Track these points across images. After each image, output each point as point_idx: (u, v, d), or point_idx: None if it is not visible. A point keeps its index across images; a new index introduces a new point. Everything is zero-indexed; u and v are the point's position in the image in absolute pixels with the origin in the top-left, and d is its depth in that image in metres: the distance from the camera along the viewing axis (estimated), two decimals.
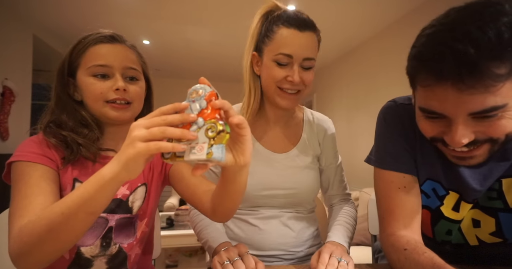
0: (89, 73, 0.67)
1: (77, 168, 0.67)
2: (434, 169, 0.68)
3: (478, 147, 0.55)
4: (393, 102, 0.75)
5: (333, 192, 0.95)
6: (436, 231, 0.71)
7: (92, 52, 0.67)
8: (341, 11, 2.73)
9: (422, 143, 0.68)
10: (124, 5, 2.73)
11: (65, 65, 0.68)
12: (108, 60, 0.67)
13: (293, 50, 0.77)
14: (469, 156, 0.57)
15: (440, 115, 0.55)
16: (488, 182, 0.63)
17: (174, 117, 0.45)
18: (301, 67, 0.78)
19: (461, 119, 0.52)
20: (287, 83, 0.79)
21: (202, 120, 0.46)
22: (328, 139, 0.93)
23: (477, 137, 0.54)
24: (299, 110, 0.95)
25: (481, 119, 0.52)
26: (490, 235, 0.65)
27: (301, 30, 0.77)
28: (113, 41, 0.69)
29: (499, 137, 0.53)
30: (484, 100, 0.49)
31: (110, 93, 0.67)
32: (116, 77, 0.67)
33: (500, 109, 0.50)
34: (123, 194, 0.71)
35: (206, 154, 0.43)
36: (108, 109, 0.68)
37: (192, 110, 0.47)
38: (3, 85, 2.72)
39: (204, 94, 0.49)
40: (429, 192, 0.70)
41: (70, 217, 0.48)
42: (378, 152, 0.74)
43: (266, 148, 0.88)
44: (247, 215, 0.86)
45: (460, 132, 0.53)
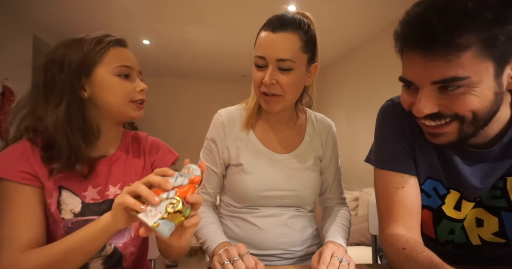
0: (114, 72, 0.69)
1: (62, 174, 0.65)
2: (434, 167, 0.68)
3: (446, 124, 0.57)
4: (391, 101, 0.75)
5: (330, 195, 0.95)
6: (438, 231, 0.70)
7: (116, 53, 0.70)
8: (341, 11, 2.73)
9: (421, 142, 0.68)
10: (124, 5, 2.73)
11: (84, 63, 0.67)
12: (131, 62, 0.72)
13: (265, 51, 0.76)
14: (439, 133, 0.58)
15: (411, 84, 0.58)
16: (490, 180, 0.62)
17: (154, 178, 0.52)
18: (278, 69, 0.77)
19: (426, 88, 0.55)
20: (263, 85, 0.78)
21: (174, 193, 0.51)
22: (330, 142, 0.93)
23: (441, 110, 0.55)
24: (301, 112, 0.95)
25: (444, 91, 0.54)
26: (493, 235, 0.65)
27: (274, 31, 0.76)
28: (126, 45, 0.74)
29: (465, 114, 0.54)
30: (446, 69, 0.51)
31: (135, 93, 0.71)
32: (137, 79, 0.73)
33: (461, 81, 0.51)
34: (116, 194, 0.71)
35: (153, 223, 0.48)
36: (131, 108, 0.71)
37: (176, 181, 0.53)
38: (3, 85, 2.72)
39: (192, 175, 0.54)
40: (429, 192, 0.69)
41: (69, 255, 0.56)
42: (377, 152, 0.74)
43: (268, 149, 0.88)
44: (247, 214, 0.86)
45: (423, 101, 0.55)
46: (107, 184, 0.71)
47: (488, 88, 0.53)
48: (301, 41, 0.77)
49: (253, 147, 0.87)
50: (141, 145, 0.81)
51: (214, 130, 0.89)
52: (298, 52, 0.77)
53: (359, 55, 3.54)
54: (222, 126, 0.87)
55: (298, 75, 0.78)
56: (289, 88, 0.78)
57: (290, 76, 0.77)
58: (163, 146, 0.84)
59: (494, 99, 0.54)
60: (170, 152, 0.84)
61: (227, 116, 0.89)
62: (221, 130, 0.87)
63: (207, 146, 0.90)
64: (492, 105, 0.54)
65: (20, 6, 2.75)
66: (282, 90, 0.78)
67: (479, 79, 0.52)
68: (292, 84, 0.78)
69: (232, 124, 0.88)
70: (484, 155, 0.62)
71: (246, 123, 0.87)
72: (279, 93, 0.78)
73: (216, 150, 0.88)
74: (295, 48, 0.76)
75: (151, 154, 0.80)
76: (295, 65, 0.76)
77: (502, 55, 0.52)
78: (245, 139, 0.87)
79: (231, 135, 0.87)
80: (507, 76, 0.54)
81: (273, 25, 0.76)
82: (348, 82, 3.79)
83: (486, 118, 0.56)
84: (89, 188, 0.69)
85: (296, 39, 0.76)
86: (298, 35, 0.76)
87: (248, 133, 0.88)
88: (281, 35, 0.75)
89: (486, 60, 0.51)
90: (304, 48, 0.78)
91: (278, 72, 0.77)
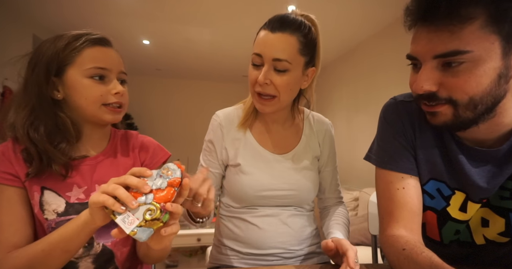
0: (87, 74, 0.66)
1: (45, 175, 0.65)
2: (438, 167, 0.67)
3: (440, 104, 0.56)
4: (393, 99, 0.75)
5: (329, 195, 0.95)
6: (443, 233, 0.69)
7: (90, 54, 0.66)
8: (340, 11, 2.73)
9: (423, 141, 0.68)
10: (124, 5, 2.72)
11: (53, 63, 0.65)
12: (107, 63, 0.68)
13: (262, 49, 0.76)
14: (434, 111, 0.58)
15: (415, 60, 0.57)
16: (497, 181, 0.61)
17: (132, 180, 0.49)
18: (274, 69, 0.76)
19: (428, 63, 0.54)
20: (257, 84, 0.78)
21: (151, 198, 0.49)
22: (327, 141, 0.93)
23: (439, 91, 0.55)
24: (299, 112, 0.94)
25: (447, 68, 0.53)
26: (498, 235, 0.64)
27: (273, 31, 0.75)
28: (107, 44, 0.70)
29: (459, 98, 0.53)
30: (448, 42, 0.50)
31: (109, 96, 0.68)
32: (114, 81, 0.69)
33: (463, 55, 0.50)
34: None
35: (131, 231, 0.47)
36: (104, 112, 0.68)
37: (154, 182, 0.50)
38: (3, 85, 2.72)
39: (172, 177, 0.51)
40: (433, 193, 0.68)
41: (49, 254, 0.55)
42: (377, 151, 0.74)
43: (265, 149, 0.88)
44: (246, 214, 0.86)
45: (423, 76, 0.55)
46: (93, 184, 0.70)
47: (493, 68, 0.50)
48: (300, 43, 0.76)
49: (250, 147, 0.87)
50: (130, 144, 0.79)
51: (212, 131, 0.89)
52: (295, 54, 0.76)
53: (359, 55, 3.54)
54: (219, 127, 0.88)
55: (293, 77, 0.78)
56: (283, 89, 0.77)
57: (284, 78, 0.76)
58: (154, 144, 0.82)
59: (497, 82, 0.51)
60: (162, 151, 0.82)
61: (224, 117, 0.89)
62: (218, 131, 0.88)
63: (206, 148, 0.90)
64: (493, 88, 0.52)
65: (20, 6, 2.74)
66: (276, 91, 0.77)
67: (484, 55, 0.49)
68: (286, 85, 0.77)
69: (229, 125, 0.88)
70: (492, 155, 0.61)
71: (243, 123, 0.88)
72: (272, 93, 0.78)
73: (215, 151, 0.88)
74: (292, 49, 0.76)
75: (141, 153, 0.79)
76: (291, 66, 0.76)
77: (510, 33, 0.49)
78: (243, 139, 0.88)
79: (228, 136, 0.87)
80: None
81: (273, 25, 0.76)
82: (348, 82, 3.79)
83: (487, 103, 0.53)
84: (74, 188, 0.68)
85: (294, 41, 0.76)
86: (296, 37, 0.76)
87: (245, 134, 0.88)
88: (280, 35, 0.75)
89: (492, 35, 0.49)
90: (302, 50, 0.77)
91: (273, 72, 0.76)
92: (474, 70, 0.51)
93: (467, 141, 0.64)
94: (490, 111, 0.55)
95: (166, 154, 0.82)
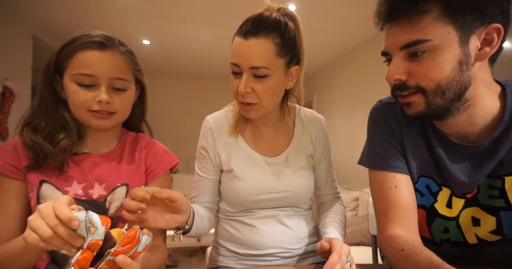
0: (74, 80, 0.66)
1: (46, 169, 0.67)
2: (425, 164, 0.68)
3: (412, 94, 0.60)
4: (379, 102, 0.77)
5: (325, 191, 0.94)
6: (432, 230, 0.70)
7: (79, 58, 0.65)
8: (340, 11, 2.72)
9: (410, 140, 0.69)
10: (124, 5, 2.73)
11: (51, 65, 0.67)
12: (95, 69, 0.65)
13: (238, 59, 0.73)
14: (408, 102, 0.62)
15: (386, 54, 0.64)
16: (478, 176, 0.63)
17: (61, 232, 0.43)
18: (253, 76, 0.74)
19: (397, 55, 0.60)
20: (239, 94, 0.75)
21: (77, 257, 0.43)
22: (320, 137, 0.92)
23: (408, 80, 0.60)
24: (290, 110, 0.92)
25: (414, 58, 0.58)
26: (490, 233, 0.65)
27: (246, 38, 0.72)
28: (103, 47, 0.67)
29: (426, 85, 0.58)
30: (410, 33, 0.57)
31: (93, 103, 0.66)
32: (101, 88, 0.66)
33: (423, 44, 0.56)
34: (100, 195, 0.71)
35: None
36: (90, 118, 0.68)
37: (82, 230, 0.44)
38: (3, 85, 2.72)
39: (93, 237, 0.43)
40: (422, 190, 0.70)
41: (5, 265, 0.55)
42: (368, 153, 0.75)
43: (257, 152, 0.87)
44: (243, 217, 0.86)
45: (393, 67, 0.60)
46: (93, 182, 0.70)
47: (453, 55, 0.56)
48: (275, 45, 0.72)
49: (242, 151, 0.86)
50: (138, 147, 0.79)
51: (203, 137, 0.88)
52: (273, 58, 0.73)
53: (359, 55, 3.54)
54: (210, 133, 0.87)
55: (274, 81, 0.75)
56: (265, 95, 0.75)
57: (265, 84, 0.74)
58: (162, 150, 0.82)
59: (458, 68, 0.56)
60: (169, 157, 0.81)
61: (214, 122, 0.88)
62: (210, 137, 0.87)
63: (199, 155, 0.89)
64: (456, 75, 0.56)
65: (20, 6, 2.74)
66: (258, 98, 0.75)
67: (443, 43, 0.55)
68: (268, 91, 0.75)
69: (220, 130, 0.87)
70: (473, 150, 0.63)
71: (234, 129, 0.87)
72: (255, 101, 0.75)
73: (209, 158, 0.87)
74: (269, 54, 0.72)
75: (148, 158, 0.78)
76: (270, 71, 0.73)
77: (464, 23, 0.55)
78: (234, 144, 0.87)
79: (220, 141, 0.86)
80: (475, 48, 0.56)
81: (245, 29, 0.73)
82: (348, 82, 3.79)
83: (454, 89, 0.57)
84: (74, 183, 0.69)
85: (269, 45, 0.72)
86: (271, 39, 0.72)
87: (237, 138, 0.87)
88: (253, 41, 0.71)
89: (447, 25, 0.55)
90: (280, 52, 0.73)
91: (253, 79, 0.74)
92: (436, 58, 0.56)
93: (451, 136, 0.66)
94: (460, 98, 0.59)
95: (174, 160, 0.81)
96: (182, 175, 4.37)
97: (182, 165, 5.22)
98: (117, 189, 0.72)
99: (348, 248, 0.66)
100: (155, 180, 0.78)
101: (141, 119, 0.84)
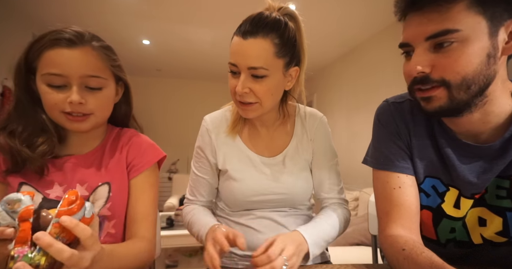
0: (44, 80, 0.62)
1: (26, 172, 0.64)
2: (432, 164, 0.67)
3: (435, 88, 0.57)
4: (385, 101, 0.75)
5: (326, 195, 0.87)
6: (439, 231, 0.70)
7: (47, 57, 0.61)
8: (341, 11, 2.72)
9: (418, 140, 0.68)
10: (124, 5, 2.73)
11: (21, 64, 0.63)
12: (64, 68, 0.61)
13: (236, 59, 0.73)
14: (428, 96, 0.59)
15: (408, 46, 0.59)
16: (487, 176, 0.62)
17: None
18: (252, 76, 0.73)
19: (420, 47, 0.57)
20: (236, 93, 0.74)
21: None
22: (320, 137, 0.88)
23: (431, 73, 0.56)
24: (288, 111, 0.89)
25: (439, 49, 0.55)
26: (495, 235, 0.64)
27: (244, 38, 0.71)
28: (71, 44, 0.62)
29: (451, 78, 0.55)
30: (438, 23, 0.53)
31: (65, 104, 0.62)
32: (72, 89, 0.62)
33: (452, 34, 0.52)
34: (82, 195, 0.67)
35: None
36: (64, 120, 0.64)
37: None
38: (3, 85, 2.72)
39: (20, 209, 0.42)
40: (428, 191, 0.69)
41: None
42: (373, 153, 0.74)
43: (255, 153, 0.85)
44: (241, 217, 0.85)
45: (417, 58, 0.57)
46: (73, 183, 0.68)
47: (482, 47, 0.53)
48: (274, 46, 0.71)
49: (239, 152, 0.85)
50: (120, 143, 0.75)
51: (201, 137, 0.88)
52: (271, 58, 0.71)
53: (359, 55, 3.54)
54: (207, 133, 0.86)
55: (273, 82, 0.74)
56: (263, 95, 0.74)
57: (263, 84, 0.73)
58: (147, 143, 0.77)
59: (486, 61, 0.54)
60: (155, 150, 0.77)
61: (212, 122, 0.87)
62: (207, 137, 0.86)
63: (196, 155, 0.89)
64: (483, 68, 0.54)
65: (20, 5, 2.75)
66: (257, 98, 0.74)
67: (472, 34, 0.52)
68: (266, 91, 0.74)
69: (217, 130, 0.87)
70: (483, 150, 0.62)
71: (232, 129, 0.86)
72: (253, 101, 0.75)
73: (205, 158, 0.86)
74: (267, 55, 0.71)
75: (129, 152, 0.74)
76: (268, 72, 0.72)
77: (494, 14, 0.52)
78: (231, 144, 0.86)
79: (217, 140, 0.86)
80: (502, 41, 0.54)
81: (244, 29, 0.72)
82: (348, 82, 3.79)
83: (480, 83, 0.55)
84: (55, 185, 0.67)
85: (267, 45, 0.71)
86: (270, 39, 0.71)
87: (234, 138, 0.86)
88: (251, 41, 0.70)
89: (478, 15, 0.52)
90: (279, 53, 0.72)
91: (251, 79, 0.73)
92: (464, 49, 0.53)
93: (461, 135, 0.64)
94: (482, 93, 0.57)
95: (160, 154, 0.77)
96: (182, 175, 4.37)
97: (182, 165, 5.23)
98: (98, 188, 0.70)
99: (292, 251, 0.61)
100: (139, 175, 0.74)
101: (128, 116, 0.80)
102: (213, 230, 0.68)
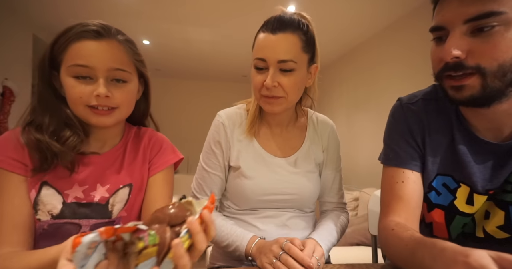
0: (70, 73, 0.60)
1: (50, 170, 0.63)
2: (445, 162, 0.68)
3: (468, 76, 0.54)
4: (399, 101, 0.76)
5: (329, 199, 0.93)
6: (451, 229, 0.69)
7: (74, 49, 0.60)
8: (341, 11, 2.73)
9: (432, 138, 0.69)
10: (124, 5, 2.73)
11: (45, 60, 0.63)
12: (91, 60, 0.60)
13: (265, 53, 0.75)
14: (460, 85, 0.56)
15: (441, 30, 0.56)
16: (501, 174, 0.61)
17: None
18: (280, 71, 0.75)
19: (457, 30, 0.53)
20: (264, 88, 0.76)
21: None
22: (331, 144, 0.92)
23: (466, 59, 0.53)
24: (302, 113, 0.93)
25: (477, 34, 0.52)
26: (497, 229, 0.64)
27: (274, 33, 0.74)
28: (98, 37, 0.61)
29: (487, 66, 0.52)
30: (482, 4, 0.49)
31: (91, 98, 0.61)
32: (99, 81, 0.61)
33: (497, 16, 0.49)
34: (102, 197, 0.67)
35: None
36: (89, 114, 0.63)
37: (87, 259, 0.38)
38: (3, 85, 2.72)
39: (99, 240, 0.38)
40: (439, 189, 0.69)
41: None
42: (384, 149, 0.76)
43: (268, 152, 0.87)
44: (246, 216, 0.86)
45: (453, 40, 0.53)
46: (95, 183, 0.67)
47: None
48: (301, 41, 0.76)
49: (253, 150, 0.86)
50: (142, 143, 0.75)
51: (215, 132, 0.87)
52: (299, 52, 0.76)
53: (359, 55, 3.55)
54: (223, 127, 0.87)
55: (299, 76, 0.77)
56: (291, 89, 0.77)
57: (292, 78, 0.76)
58: (166, 144, 0.77)
59: None
60: (173, 152, 0.77)
61: (227, 117, 0.88)
62: (222, 131, 0.87)
63: (208, 150, 0.88)
64: None
65: (20, 6, 2.75)
66: (284, 92, 0.77)
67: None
68: (294, 85, 0.77)
69: (232, 125, 0.87)
70: (499, 148, 0.61)
71: (249, 129, 0.86)
72: (281, 95, 0.77)
73: (221, 153, 0.86)
74: (296, 48, 0.75)
75: (152, 151, 0.75)
76: (296, 65, 0.75)
77: None
78: (245, 141, 0.87)
79: (232, 136, 0.87)
80: None
81: (272, 26, 0.75)
82: (348, 82, 3.79)
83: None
84: (75, 185, 0.65)
85: (296, 39, 0.75)
86: (298, 35, 0.75)
87: (251, 139, 0.87)
88: (281, 36, 0.74)
89: None
90: (305, 48, 0.77)
91: (280, 73, 0.75)
92: (505, 34, 0.49)
93: (480, 131, 0.64)
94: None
95: (177, 156, 0.77)
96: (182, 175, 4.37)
97: (182, 165, 5.21)
98: (119, 191, 0.69)
99: (322, 252, 0.68)
100: (157, 173, 0.73)
101: (145, 115, 0.80)
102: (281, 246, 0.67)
